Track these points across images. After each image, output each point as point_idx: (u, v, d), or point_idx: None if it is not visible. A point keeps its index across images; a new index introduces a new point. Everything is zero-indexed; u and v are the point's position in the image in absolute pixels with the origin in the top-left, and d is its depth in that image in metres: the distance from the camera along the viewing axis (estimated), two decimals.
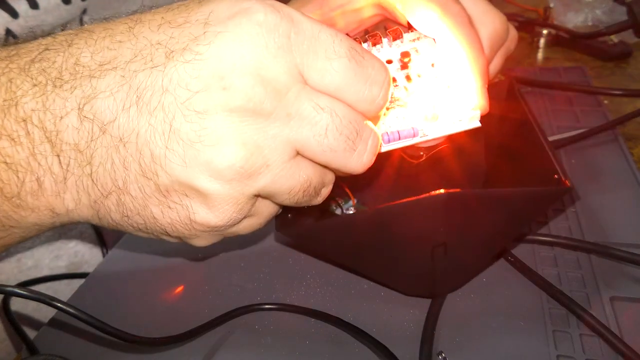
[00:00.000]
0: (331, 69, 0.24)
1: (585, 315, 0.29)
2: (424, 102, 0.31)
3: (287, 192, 0.25)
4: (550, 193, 0.28)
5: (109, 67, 0.23)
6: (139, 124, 0.23)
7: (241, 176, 0.24)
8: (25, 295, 0.24)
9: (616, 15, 0.66)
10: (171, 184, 0.24)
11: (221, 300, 0.34)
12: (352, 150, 0.25)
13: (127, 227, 0.26)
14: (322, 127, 0.24)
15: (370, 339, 0.29)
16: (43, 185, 0.25)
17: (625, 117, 0.46)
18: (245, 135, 0.23)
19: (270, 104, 0.23)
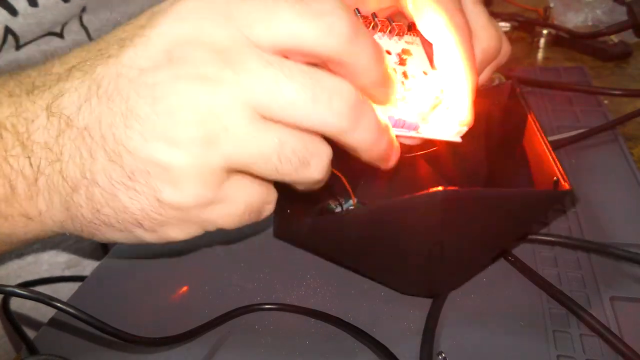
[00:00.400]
0: (273, 17, 0.23)
1: (585, 315, 0.29)
2: (420, 99, 0.31)
3: (259, 158, 0.24)
4: (550, 195, 0.28)
5: (75, 69, 0.25)
6: (100, 110, 0.24)
7: (200, 142, 0.23)
8: (25, 295, 0.24)
9: (616, 15, 0.66)
10: (135, 163, 0.24)
11: (221, 300, 0.34)
12: (315, 102, 0.23)
13: (100, 225, 0.26)
14: (273, 81, 0.23)
15: (370, 339, 0.29)
16: (16, 190, 0.26)
17: (625, 117, 0.46)
18: (197, 100, 0.23)
19: (216, 67, 0.23)
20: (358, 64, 0.24)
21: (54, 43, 0.45)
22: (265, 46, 0.23)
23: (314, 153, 0.25)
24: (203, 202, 0.25)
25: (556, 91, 0.53)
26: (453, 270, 0.31)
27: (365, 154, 0.26)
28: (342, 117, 0.24)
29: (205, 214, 0.26)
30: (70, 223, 0.27)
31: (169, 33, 0.23)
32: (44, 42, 0.44)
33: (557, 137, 0.45)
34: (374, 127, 0.25)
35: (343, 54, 0.24)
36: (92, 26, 0.47)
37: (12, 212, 0.26)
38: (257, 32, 0.23)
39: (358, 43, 0.24)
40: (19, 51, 0.42)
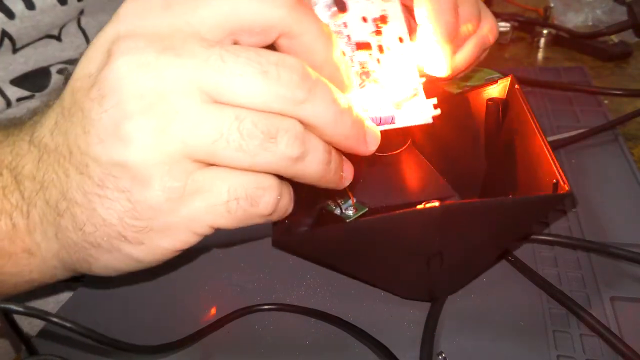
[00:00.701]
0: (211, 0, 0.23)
1: (585, 315, 0.29)
2: (393, 83, 0.30)
3: (218, 138, 0.23)
4: (549, 199, 0.28)
5: (53, 103, 0.26)
6: (66, 127, 0.24)
7: (152, 132, 0.22)
8: (21, 311, 0.24)
9: (616, 15, 0.66)
10: (100, 170, 0.23)
11: (221, 300, 0.34)
12: (263, 76, 0.22)
13: (89, 248, 0.26)
14: (217, 60, 0.22)
15: (370, 339, 0.29)
16: (17, 225, 0.26)
17: (625, 117, 0.46)
18: (142, 86, 0.22)
19: (156, 53, 0.22)
20: (306, 33, 0.24)
21: (52, 46, 0.44)
22: (211, 31, 0.23)
23: (279, 127, 0.23)
24: (175, 195, 0.24)
25: (556, 91, 0.53)
26: (453, 276, 0.31)
27: (333, 132, 0.25)
28: (294, 87, 0.23)
29: (185, 210, 0.24)
30: (65, 253, 0.27)
31: (109, 34, 0.24)
32: (41, 44, 0.43)
33: (557, 137, 0.45)
34: (329, 99, 0.24)
35: (288, 21, 0.24)
36: (90, 29, 0.47)
37: (15, 249, 0.27)
38: (199, 18, 0.23)
39: (302, 10, 0.24)
40: (16, 54, 0.42)
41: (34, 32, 0.42)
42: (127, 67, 0.22)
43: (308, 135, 0.24)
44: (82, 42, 0.47)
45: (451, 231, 0.27)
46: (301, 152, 0.24)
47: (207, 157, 0.23)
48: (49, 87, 0.45)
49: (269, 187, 0.25)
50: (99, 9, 0.47)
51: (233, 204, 0.24)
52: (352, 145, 0.26)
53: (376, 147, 0.27)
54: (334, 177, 0.27)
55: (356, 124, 0.26)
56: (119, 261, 0.26)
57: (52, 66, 0.45)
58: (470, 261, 0.30)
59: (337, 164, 0.27)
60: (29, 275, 0.28)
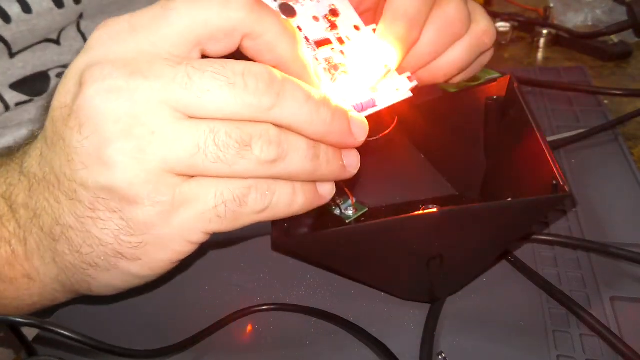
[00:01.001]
0: (171, 15, 0.24)
1: (585, 315, 0.29)
2: (362, 68, 0.30)
3: (195, 151, 0.23)
4: (548, 200, 0.27)
5: (38, 133, 0.27)
6: (51, 157, 0.25)
7: (131, 153, 0.23)
8: (20, 322, 0.24)
9: (616, 15, 0.66)
10: (88, 194, 0.24)
11: (221, 300, 0.34)
12: (230, 87, 0.23)
13: (87, 269, 0.26)
14: (183, 77, 0.23)
15: (370, 338, 0.29)
16: (16, 252, 0.27)
17: (625, 117, 0.46)
18: (116, 111, 0.23)
19: (125, 77, 0.23)
20: (268, 31, 0.25)
21: (51, 50, 0.44)
22: (176, 46, 0.24)
23: (252, 133, 0.24)
24: (165, 209, 0.24)
25: (556, 91, 0.53)
26: (453, 277, 0.31)
27: (312, 129, 0.25)
28: (261, 94, 0.23)
29: (177, 221, 0.25)
30: (64, 276, 0.27)
31: (80, 63, 0.25)
32: (39, 49, 0.43)
33: (557, 137, 0.45)
34: (301, 98, 0.24)
35: (248, 22, 0.24)
36: (89, 32, 0.46)
37: (15, 274, 0.27)
38: (162, 36, 0.24)
39: (261, 9, 0.24)
40: (13, 59, 0.42)
41: (29, 36, 0.42)
42: (99, 94, 0.23)
43: (285, 135, 0.25)
44: (82, 45, 0.46)
45: (450, 235, 0.27)
46: (277, 154, 0.24)
47: (189, 170, 0.24)
48: (48, 91, 0.44)
49: (254, 184, 0.25)
50: (98, 12, 0.46)
51: (222, 208, 0.25)
52: (337, 139, 0.26)
53: (365, 135, 0.27)
54: (331, 169, 0.27)
55: (337, 116, 0.26)
56: (117, 279, 0.27)
57: (50, 70, 0.45)
58: (470, 262, 0.30)
59: (329, 155, 0.27)
60: (30, 299, 0.29)
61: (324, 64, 0.30)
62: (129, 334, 0.32)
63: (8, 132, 0.44)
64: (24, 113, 0.44)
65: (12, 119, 0.44)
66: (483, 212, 0.27)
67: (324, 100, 0.25)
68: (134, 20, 0.24)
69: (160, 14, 0.24)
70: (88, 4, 0.45)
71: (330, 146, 0.27)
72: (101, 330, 0.33)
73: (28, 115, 0.45)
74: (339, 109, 0.26)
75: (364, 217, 0.36)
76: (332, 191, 0.29)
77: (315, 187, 0.28)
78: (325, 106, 0.25)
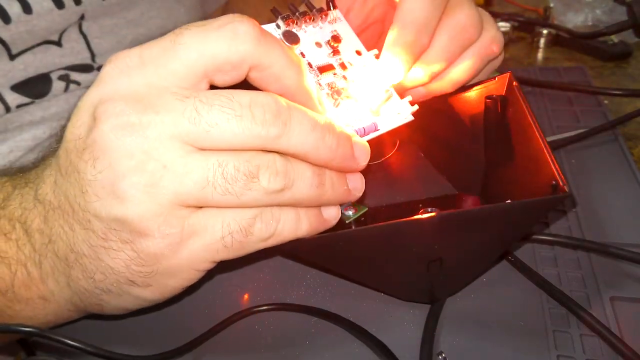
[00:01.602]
0: (180, 48, 0.24)
1: (585, 315, 0.29)
2: (364, 93, 0.31)
3: (205, 185, 0.24)
4: (548, 201, 0.27)
5: (50, 157, 0.28)
6: (65, 187, 0.26)
7: (144, 188, 0.24)
8: (18, 330, 0.25)
9: (616, 15, 0.66)
10: (101, 225, 0.25)
11: (221, 300, 0.34)
12: (237, 119, 0.24)
13: (100, 293, 0.27)
14: (192, 111, 0.24)
15: (370, 338, 0.29)
16: (31, 274, 0.28)
17: (625, 117, 0.46)
18: (129, 148, 0.24)
19: (137, 113, 0.24)
20: (275, 63, 0.25)
21: (52, 52, 0.44)
22: (185, 79, 0.25)
23: (259, 165, 0.25)
24: (174, 241, 0.25)
25: (556, 91, 0.53)
26: (453, 279, 0.31)
27: (317, 157, 0.26)
28: (269, 124, 0.24)
29: (186, 252, 0.26)
30: (77, 299, 0.28)
31: (93, 97, 0.25)
32: (40, 50, 0.43)
33: (557, 137, 0.45)
34: (307, 127, 0.25)
35: (255, 54, 0.25)
36: (92, 33, 0.46)
37: (31, 296, 0.28)
38: (171, 71, 0.24)
39: (268, 41, 0.25)
40: (14, 61, 0.42)
41: (28, 37, 0.42)
42: (113, 130, 0.24)
43: (291, 165, 0.25)
44: (84, 47, 0.46)
45: (450, 238, 0.27)
46: (284, 184, 0.25)
47: (198, 203, 0.25)
48: (49, 93, 0.44)
49: (259, 213, 0.26)
50: (101, 13, 0.46)
51: (228, 239, 0.26)
52: (341, 164, 0.27)
53: (367, 159, 0.28)
54: (337, 194, 0.28)
55: (341, 142, 0.27)
56: (129, 302, 0.28)
57: (52, 72, 0.44)
58: (470, 264, 0.30)
59: (334, 181, 0.28)
60: (44, 318, 0.30)
61: (327, 89, 0.31)
62: (130, 338, 0.32)
63: (9, 135, 0.44)
64: (25, 115, 0.44)
65: (13, 121, 0.44)
66: (482, 215, 0.27)
67: (329, 127, 0.26)
68: (145, 54, 0.25)
69: (169, 48, 0.25)
70: (89, 5, 0.45)
71: (334, 171, 0.28)
72: (101, 336, 0.33)
73: (30, 118, 0.45)
74: (342, 135, 0.27)
75: (364, 217, 0.36)
76: (337, 216, 0.29)
77: (320, 212, 0.28)
78: (331, 133, 0.26)
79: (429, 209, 0.32)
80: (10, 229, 0.28)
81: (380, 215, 0.37)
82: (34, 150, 0.46)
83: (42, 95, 0.44)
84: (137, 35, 0.50)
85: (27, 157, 0.45)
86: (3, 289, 0.28)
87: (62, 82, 0.45)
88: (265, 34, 0.25)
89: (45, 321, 0.30)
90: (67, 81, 0.45)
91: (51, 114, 0.45)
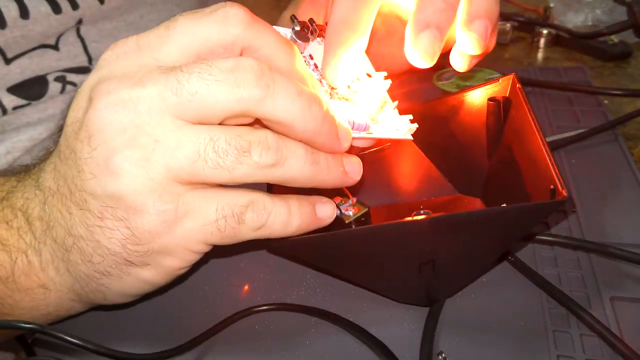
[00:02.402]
0: (173, 33, 0.25)
1: (585, 315, 0.29)
2: (367, 100, 0.31)
3: (197, 159, 0.24)
4: (545, 206, 0.27)
5: (53, 149, 0.29)
6: (64, 170, 0.26)
7: (137, 162, 0.24)
8: (20, 327, 0.25)
9: (616, 15, 0.65)
10: (97, 203, 0.25)
11: (221, 300, 0.34)
12: (219, 83, 0.24)
13: (100, 277, 0.27)
14: (174, 82, 0.24)
15: (370, 338, 0.29)
16: (32, 262, 0.28)
17: (625, 117, 0.46)
18: (122, 123, 0.24)
19: (128, 89, 0.24)
20: (266, 45, 0.26)
21: (48, 55, 0.44)
22: (179, 59, 0.25)
23: (251, 139, 0.25)
24: (169, 218, 0.25)
25: (556, 91, 0.53)
26: (449, 281, 0.31)
27: (303, 127, 0.25)
28: (251, 86, 0.24)
29: (180, 230, 0.26)
30: (78, 285, 0.28)
31: (91, 81, 0.26)
32: (36, 54, 0.43)
33: (557, 137, 0.45)
34: (293, 91, 0.25)
35: (245, 36, 0.25)
36: (90, 37, 0.46)
37: (32, 285, 0.28)
38: (164, 52, 0.25)
39: (258, 24, 0.25)
40: (10, 65, 0.42)
41: (24, 41, 0.42)
42: (107, 107, 0.24)
43: (283, 141, 0.26)
44: (81, 51, 0.46)
45: (441, 241, 0.27)
46: (276, 159, 0.25)
47: (190, 177, 0.25)
48: (45, 95, 0.44)
49: (251, 202, 0.26)
50: (100, 17, 0.46)
51: (222, 222, 0.26)
52: (325, 141, 0.27)
53: (349, 143, 0.28)
54: (332, 175, 0.28)
55: (327, 118, 0.26)
56: (130, 286, 0.28)
57: (48, 74, 0.44)
58: (465, 266, 0.30)
59: (329, 161, 0.27)
60: (45, 308, 0.30)
61: (327, 87, 0.30)
62: (130, 336, 0.32)
63: (6, 136, 0.44)
64: (22, 117, 0.44)
65: (10, 123, 0.44)
66: (473, 219, 0.26)
67: (316, 98, 0.26)
68: (141, 41, 0.26)
69: (164, 34, 0.25)
70: (87, 10, 0.45)
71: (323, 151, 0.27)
72: (101, 334, 0.33)
73: (26, 119, 0.45)
74: (328, 111, 0.27)
75: (364, 217, 0.36)
76: (332, 215, 0.29)
77: (314, 210, 0.28)
78: (317, 104, 0.26)
79: (421, 211, 0.32)
80: (12, 218, 0.28)
81: (380, 215, 0.37)
82: (31, 151, 0.46)
83: (38, 97, 0.44)
84: None
85: (24, 158, 0.45)
86: (4, 276, 0.28)
87: (58, 83, 0.45)
88: (255, 18, 0.26)
89: (46, 312, 0.30)
90: (63, 82, 0.45)
91: (48, 116, 0.45)
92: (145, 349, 0.29)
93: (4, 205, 0.29)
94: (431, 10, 0.29)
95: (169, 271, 0.28)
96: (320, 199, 0.29)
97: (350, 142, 0.28)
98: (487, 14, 0.31)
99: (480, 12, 0.31)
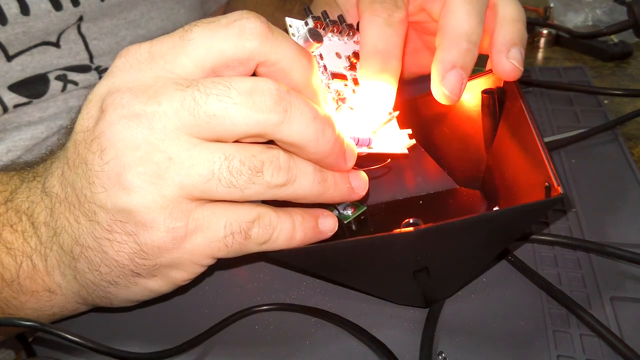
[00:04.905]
0: (188, 44, 0.25)
1: (585, 315, 0.29)
2: (368, 110, 0.31)
3: (210, 177, 0.24)
4: (541, 205, 0.27)
5: (59, 150, 0.29)
6: (72, 179, 0.26)
7: (150, 179, 0.24)
8: (22, 324, 0.25)
9: (616, 15, 0.66)
10: (107, 216, 0.25)
11: (221, 300, 0.34)
12: (237, 106, 0.24)
13: (107, 286, 0.28)
14: (191, 101, 0.24)
15: (370, 338, 0.29)
16: (37, 267, 0.28)
17: (625, 117, 0.46)
18: (136, 138, 0.24)
19: (141, 103, 0.24)
20: (283, 59, 0.25)
21: (49, 53, 0.44)
22: (192, 74, 0.25)
23: (264, 159, 0.25)
24: (178, 235, 0.25)
25: (556, 91, 0.53)
26: (447, 284, 0.31)
27: (315, 149, 0.26)
28: (269, 111, 0.24)
29: (189, 246, 0.26)
30: (85, 291, 0.29)
31: (101, 89, 0.25)
32: (37, 52, 0.43)
33: (557, 137, 0.45)
34: (308, 117, 0.25)
35: (262, 51, 0.25)
36: (90, 34, 0.46)
37: (37, 288, 0.28)
38: (179, 64, 0.25)
39: (276, 38, 0.25)
40: (11, 62, 0.42)
41: (25, 38, 0.42)
42: (120, 121, 0.24)
43: (294, 160, 0.26)
44: (82, 48, 0.46)
45: (432, 249, 0.27)
46: (286, 179, 0.25)
47: (202, 195, 0.25)
48: (47, 93, 0.44)
49: (257, 217, 0.27)
50: (100, 14, 0.46)
51: (229, 239, 0.26)
52: (333, 162, 0.27)
53: (353, 163, 0.29)
54: (339, 192, 0.28)
55: (338, 141, 0.27)
56: (136, 294, 0.28)
57: (49, 73, 0.44)
58: (462, 269, 0.30)
59: (336, 178, 0.28)
60: (50, 310, 0.30)
61: (334, 93, 0.30)
62: (130, 335, 0.32)
63: (7, 135, 0.44)
64: (23, 115, 0.44)
65: (11, 121, 0.44)
66: (463, 227, 0.25)
67: (329, 121, 0.26)
68: (154, 49, 0.25)
69: (178, 44, 0.25)
70: (88, 7, 0.45)
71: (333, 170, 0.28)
72: (101, 333, 0.33)
73: (27, 118, 0.45)
74: (339, 135, 0.27)
75: (363, 216, 0.36)
76: (334, 228, 0.30)
77: (317, 224, 0.29)
78: (330, 127, 0.26)
79: (410, 220, 0.32)
80: (16, 221, 0.28)
81: (379, 213, 0.37)
82: (32, 150, 0.46)
83: (39, 95, 0.44)
84: (136, 36, 0.50)
85: (25, 156, 0.45)
86: (8, 279, 0.28)
87: (59, 82, 0.45)
88: (272, 30, 0.25)
89: (50, 313, 0.30)
90: (64, 81, 0.45)
91: (49, 114, 0.45)
92: (145, 348, 0.29)
93: (8, 207, 0.29)
94: (456, 51, 0.30)
95: (175, 282, 0.28)
96: (323, 212, 0.30)
97: (355, 161, 0.29)
98: (521, 41, 0.32)
99: (515, 40, 0.32)
